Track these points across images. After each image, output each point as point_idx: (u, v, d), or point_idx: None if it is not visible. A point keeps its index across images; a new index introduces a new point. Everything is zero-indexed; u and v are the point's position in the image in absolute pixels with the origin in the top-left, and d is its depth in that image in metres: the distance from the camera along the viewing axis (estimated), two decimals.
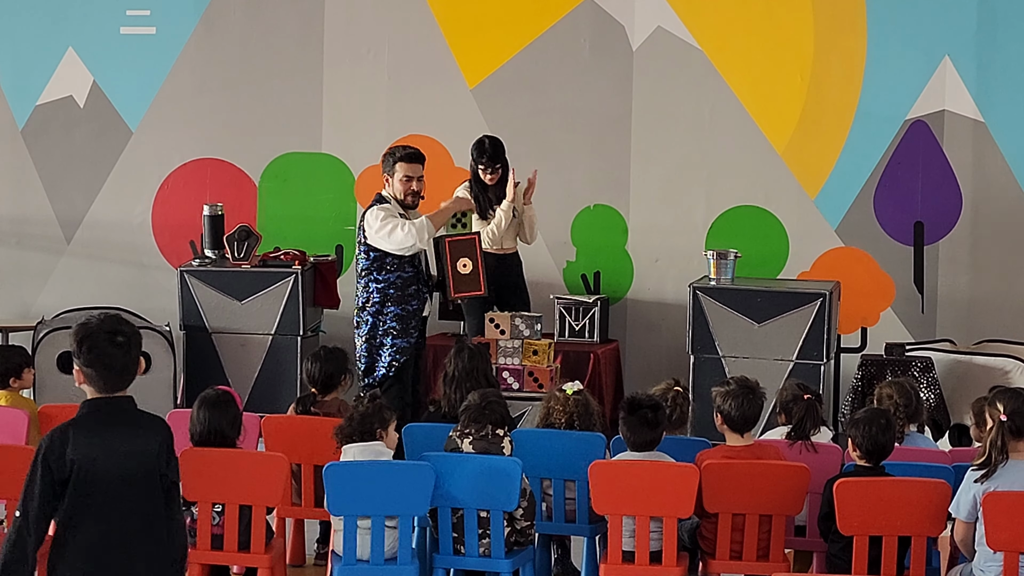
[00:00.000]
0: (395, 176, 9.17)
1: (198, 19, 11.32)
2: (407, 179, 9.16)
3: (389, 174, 9.21)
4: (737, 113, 10.74)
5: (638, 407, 6.94)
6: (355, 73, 11.23)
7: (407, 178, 9.16)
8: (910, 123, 10.51)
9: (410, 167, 9.17)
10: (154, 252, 11.46)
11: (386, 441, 6.88)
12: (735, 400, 7.03)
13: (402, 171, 9.16)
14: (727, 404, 7.04)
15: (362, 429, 6.83)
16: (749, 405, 7.04)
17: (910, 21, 10.45)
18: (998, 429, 6.34)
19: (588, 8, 10.90)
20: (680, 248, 10.78)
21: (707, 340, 9.77)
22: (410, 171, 9.17)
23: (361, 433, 6.83)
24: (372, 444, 6.81)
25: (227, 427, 6.91)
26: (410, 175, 9.17)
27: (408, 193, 9.16)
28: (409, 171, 9.16)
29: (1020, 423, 6.35)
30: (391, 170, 9.19)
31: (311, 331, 10.52)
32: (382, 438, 6.87)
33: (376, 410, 6.90)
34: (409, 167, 9.17)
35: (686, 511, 6.72)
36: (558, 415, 7.43)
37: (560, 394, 7.48)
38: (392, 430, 6.95)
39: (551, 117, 11.02)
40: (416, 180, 9.19)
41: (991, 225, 10.50)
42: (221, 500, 6.78)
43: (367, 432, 6.83)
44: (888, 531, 6.49)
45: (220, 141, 11.40)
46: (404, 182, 9.16)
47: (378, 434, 6.86)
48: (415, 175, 9.19)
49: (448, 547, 6.82)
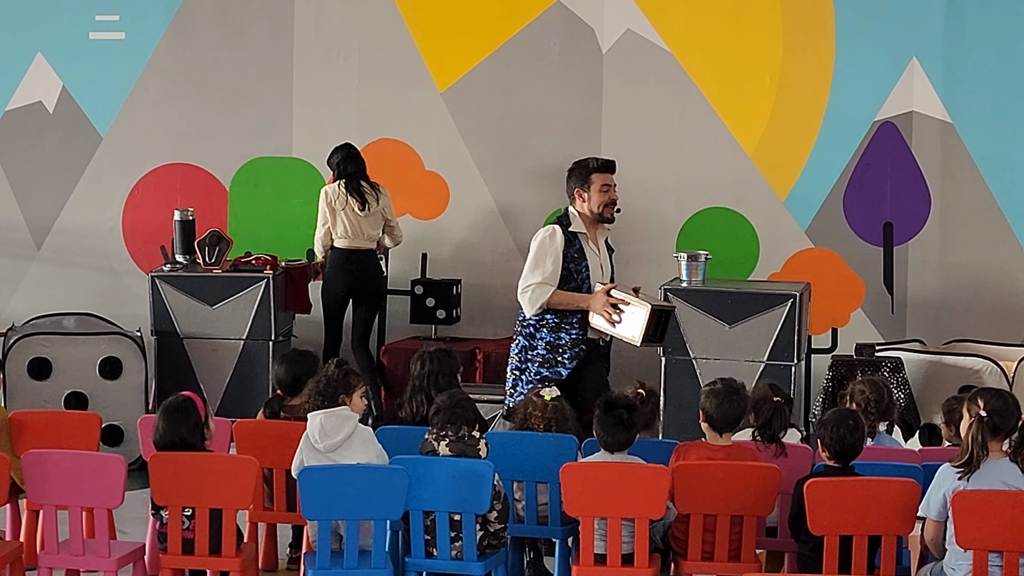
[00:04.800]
0: (592, 188, 8.55)
1: (167, 24, 11.30)
2: (606, 188, 8.57)
3: (583, 187, 8.58)
4: (707, 115, 10.76)
5: (613, 407, 6.97)
6: (325, 77, 11.23)
7: (606, 187, 8.57)
8: (879, 124, 10.56)
9: (607, 176, 8.60)
10: (125, 257, 11.44)
11: (351, 406, 6.94)
12: (715, 399, 7.08)
13: (600, 181, 8.57)
14: (708, 403, 7.09)
15: (327, 394, 6.92)
16: (730, 406, 7.07)
17: (878, 23, 10.49)
18: (977, 425, 6.36)
19: (558, 11, 10.92)
20: (651, 250, 10.80)
21: (679, 342, 9.78)
22: (608, 180, 8.59)
23: (325, 399, 6.92)
24: (337, 410, 6.88)
25: (188, 434, 6.89)
26: (608, 184, 8.59)
27: (606, 204, 8.59)
28: (607, 180, 8.59)
29: (999, 420, 6.38)
30: (586, 182, 8.57)
31: (282, 336, 10.51)
32: (346, 404, 6.93)
33: (342, 376, 6.99)
34: (606, 176, 8.59)
35: (657, 512, 6.74)
36: (537, 420, 7.45)
37: (538, 400, 7.51)
38: (358, 397, 7.01)
39: (521, 120, 11.03)
40: (613, 188, 8.63)
41: (960, 225, 10.55)
42: (191, 504, 6.77)
43: (331, 398, 6.92)
44: (858, 531, 6.52)
45: (190, 146, 11.38)
46: (603, 192, 8.56)
47: (341, 400, 6.93)
48: (612, 184, 8.62)
49: (420, 550, 6.83)
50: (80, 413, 9.11)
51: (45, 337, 10.22)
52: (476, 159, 11.09)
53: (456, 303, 10.98)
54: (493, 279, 11.06)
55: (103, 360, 10.14)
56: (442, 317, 10.92)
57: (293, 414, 7.71)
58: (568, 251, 8.52)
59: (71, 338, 10.24)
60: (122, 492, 6.80)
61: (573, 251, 8.54)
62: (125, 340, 10.23)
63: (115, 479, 6.77)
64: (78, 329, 10.37)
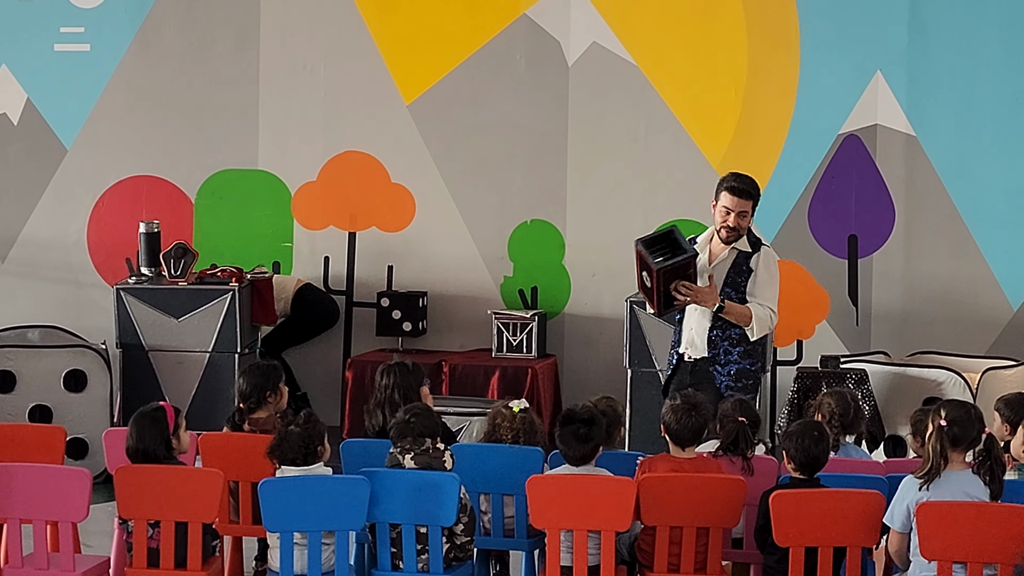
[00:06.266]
0: (716, 204, 8.29)
1: (133, 36, 11.27)
2: (726, 211, 8.24)
3: (715, 200, 8.35)
4: (672, 128, 10.79)
5: (570, 421, 6.98)
6: (291, 89, 11.22)
7: (726, 209, 8.24)
8: (843, 137, 10.60)
9: (731, 199, 8.22)
10: (90, 270, 11.40)
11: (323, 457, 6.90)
12: (675, 414, 7.09)
13: (723, 201, 8.26)
14: (668, 417, 7.10)
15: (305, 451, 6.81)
16: (689, 420, 7.08)
17: (842, 37, 10.54)
18: (937, 435, 6.40)
19: (524, 24, 10.94)
20: (617, 262, 10.81)
21: (644, 354, 9.81)
22: (729, 204, 8.23)
23: (304, 455, 6.82)
24: (313, 469, 6.81)
25: (152, 443, 6.86)
26: (728, 208, 8.23)
27: (722, 225, 8.27)
28: (728, 204, 8.23)
29: (959, 431, 6.41)
30: (716, 197, 8.32)
31: (248, 348, 10.49)
32: (322, 455, 6.88)
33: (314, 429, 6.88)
34: (730, 199, 8.23)
35: (624, 524, 6.75)
36: (505, 431, 7.45)
37: (507, 411, 7.50)
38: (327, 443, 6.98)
39: (487, 133, 11.04)
40: (735, 215, 8.22)
41: (924, 238, 10.60)
42: (157, 517, 6.75)
43: (310, 453, 6.82)
44: (823, 542, 6.54)
45: (156, 158, 11.36)
46: (723, 213, 8.25)
47: (319, 452, 6.86)
48: (734, 209, 8.22)
49: (387, 562, 6.82)
50: (44, 426, 9.07)
51: (9, 350, 10.18)
52: (442, 171, 11.09)
53: (422, 315, 10.99)
54: (459, 291, 11.07)
55: (68, 373, 10.11)
56: (408, 329, 10.92)
57: (259, 427, 7.68)
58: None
59: (35, 351, 10.20)
60: (87, 505, 6.77)
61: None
62: (90, 353, 10.19)
63: (80, 492, 6.74)
64: (42, 342, 10.33)
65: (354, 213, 11.26)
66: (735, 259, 8.32)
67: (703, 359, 8.28)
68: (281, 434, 6.88)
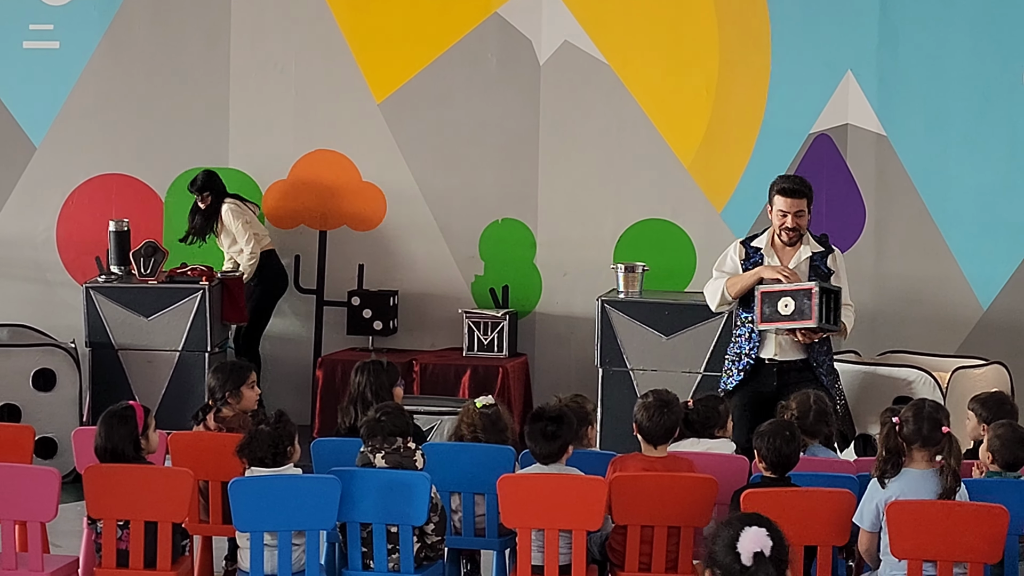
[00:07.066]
0: (772, 209, 8.41)
1: (102, 33, 11.24)
2: (782, 213, 8.36)
3: (769, 205, 8.46)
4: (644, 127, 10.80)
5: (538, 419, 6.97)
6: (262, 88, 11.20)
7: (782, 213, 8.36)
8: (814, 137, 10.63)
9: (785, 201, 8.34)
10: (59, 268, 11.36)
11: (293, 458, 6.87)
12: (646, 412, 7.08)
13: (778, 204, 8.38)
14: (640, 415, 7.10)
15: (274, 451, 6.79)
16: (661, 418, 7.07)
17: (813, 37, 10.57)
18: (889, 432, 6.44)
19: (495, 22, 10.94)
20: (588, 261, 10.83)
21: (616, 353, 9.81)
22: (784, 206, 8.35)
23: (274, 455, 6.79)
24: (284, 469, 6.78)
25: (120, 442, 6.83)
26: (784, 210, 8.35)
27: (781, 228, 8.39)
28: (783, 206, 8.35)
29: (911, 429, 6.43)
30: (770, 202, 8.44)
31: (219, 347, 10.46)
32: (291, 456, 6.85)
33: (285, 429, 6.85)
34: (784, 201, 8.35)
35: (595, 524, 6.74)
36: (466, 428, 7.45)
37: (471, 407, 7.50)
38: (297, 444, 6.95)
39: (459, 131, 11.04)
40: (792, 216, 8.33)
41: (894, 237, 10.63)
42: (126, 517, 6.72)
43: (279, 453, 6.80)
44: (794, 541, 6.49)
45: (125, 156, 11.32)
46: (780, 216, 8.36)
47: (288, 452, 6.83)
48: (790, 210, 8.34)
49: (357, 562, 6.80)
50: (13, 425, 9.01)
51: None
52: (413, 170, 11.08)
53: (393, 314, 10.98)
54: (430, 290, 11.07)
55: (36, 372, 10.06)
56: (379, 328, 10.91)
57: (226, 425, 7.66)
58: (745, 263, 8.46)
59: (4, 350, 10.14)
60: (55, 505, 6.74)
61: (750, 264, 8.45)
62: (59, 352, 10.14)
63: (48, 492, 6.70)
64: (11, 341, 10.28)
65: (325, 212, 11.24)
66: (812, 261, 8.46)
67: (799, 360, 8.41)
68: (251, 433, 6.86)
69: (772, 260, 8.44)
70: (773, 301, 8.31)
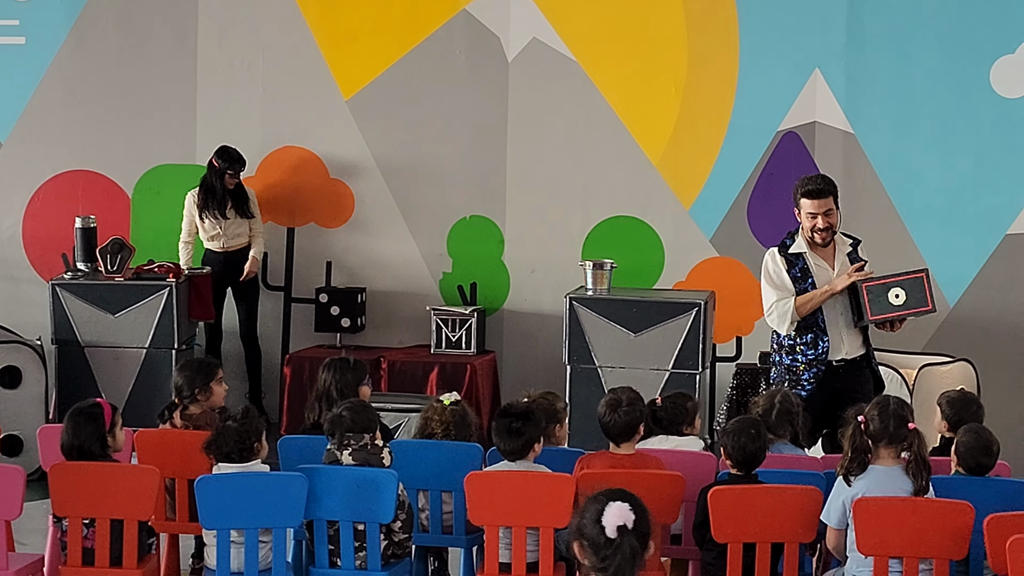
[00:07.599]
0: (801, 212, 8.33)
1: (69, 29, 11.19)
2: (811, 215, 8.27)
3: (796, 209, 8.38)
4: (612, 124, 10.81)
5: (505, 415, 6.97)
6: (229, 84, 11.16)
7: (811, 215, 8.27)
8: (782, 134, 10.64)
9: (813, 203, 8.27)
10: (25, 265, 11.30)
11: (260, 454, 6.85)
12: (603, 410, 7.10)
13: (805, 207, 8.30)
14: (599, 412, 7.11)
15: (241, 447, 6.77)
16: (618, 416, 7.08)
17: (781, 34, 10.58)
18: (854, 429, 6.46)
19: (463, 19, 10.92)
20: (556, 259, 10.83)
21: (584, 350, 9.81)
22: (813, 208, 8.27)
23: (240, 451, 6.77)
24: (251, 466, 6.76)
25: (87, 440, 6.80)
26: (814, 212, 8.27)
27: (814, 231, 8.31)
28: (812, 208, 8.27)
29: (877, 427, 6.45)
30: (797, 205, 8.36)
31: (186, 344, 10.43)
32: (258, 452, 6.83)
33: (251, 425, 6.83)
34: (812, 203, 8.27)
35: (562, 521, 6.73)
36: (435, 425, 7.42)
37: (437, 404, 7.48)
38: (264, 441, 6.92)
39: (427, 128, 11.02)
40: (822, 216, 8.26)
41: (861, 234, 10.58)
42: (92, 515, 6.69)
43: (246, 449, 6.78)
44: (761, 538, 6.56)
45: (92, 153, 11.28)
46: (810, 218, 8.28)
47: (255, 448, 6.81)
48: (819, 211, 8.26)
49: (324, 560, 6.79)
50: None
51: None
52: (381, 167, 11.07)
53: (361, 311, 10.96)
54: (398, 288, 11.05)
55: (2, 369, 10.01)
56: (347, 326, 10.89)
57: (192, 422, 7.64)
58: (791, 271, 8.36)
59: None
60: (21, 503, 6.70)
61: (796, 271, 8.36)
62: (25, 349, 10.10)
63: (13, 490, 6.67)
64: None
65: (292, 209, 11.21)
66: (849, 256, 8.45)
67: (858, 357, 8.36)
68: (218, 429, 6.84)
69: (817, 263, 8.34)
70: (881, 293, 8.26)
